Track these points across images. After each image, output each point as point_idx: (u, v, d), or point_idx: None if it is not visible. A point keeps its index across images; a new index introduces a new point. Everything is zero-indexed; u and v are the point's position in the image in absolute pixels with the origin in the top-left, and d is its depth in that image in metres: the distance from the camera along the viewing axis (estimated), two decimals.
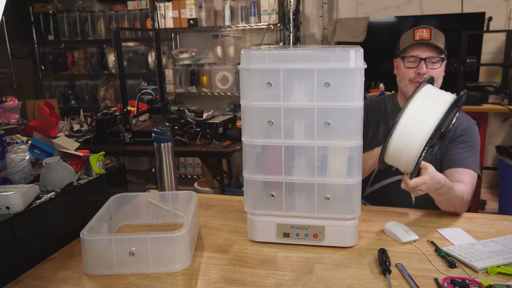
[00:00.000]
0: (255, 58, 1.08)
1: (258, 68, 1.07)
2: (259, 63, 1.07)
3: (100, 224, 1.13)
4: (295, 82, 1.06)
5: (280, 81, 1.06)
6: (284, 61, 1.06)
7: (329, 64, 1.04)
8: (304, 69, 1.05)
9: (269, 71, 1.06)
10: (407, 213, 1.33)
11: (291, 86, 1.06)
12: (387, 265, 0.99)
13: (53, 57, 4.36)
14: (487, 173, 3.64)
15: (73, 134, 2.69)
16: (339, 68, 1.03)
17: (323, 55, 1.06)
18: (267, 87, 1.06)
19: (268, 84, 1.06)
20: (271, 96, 1.08)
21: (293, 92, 1.06)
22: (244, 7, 3.71)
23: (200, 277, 1.00)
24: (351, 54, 1.02)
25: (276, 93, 1.07)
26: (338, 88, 1.04)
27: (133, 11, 4.01)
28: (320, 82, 1.04)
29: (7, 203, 1.03)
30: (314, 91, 1.05)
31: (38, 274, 1.04)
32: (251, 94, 1.09)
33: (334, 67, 1.04)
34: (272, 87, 1.06)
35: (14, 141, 2.01)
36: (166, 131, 1.39)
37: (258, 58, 1.07)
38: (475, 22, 3.45)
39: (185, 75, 3.93)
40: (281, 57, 1.07)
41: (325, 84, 1.04)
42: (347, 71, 1.03)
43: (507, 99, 3.28)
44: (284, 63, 1.05)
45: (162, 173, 1.41)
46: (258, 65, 1.07)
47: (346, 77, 1.04)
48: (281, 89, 1.06)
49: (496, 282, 0.92)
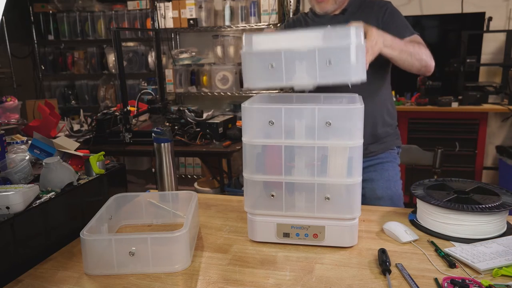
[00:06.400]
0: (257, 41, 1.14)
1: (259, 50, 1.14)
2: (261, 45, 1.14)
3: (100, 224, 1.13)
4: (297, 62, 1.10)
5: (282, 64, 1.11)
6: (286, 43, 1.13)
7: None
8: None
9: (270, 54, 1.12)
10: (407, 213, 1.33)
11: (293, 67, 1.11)
12: (387, 265, 0.99)
13: (53, 57, 4.36)
14: (487, 173, 3.64)
15: (73, 134, 2.69)
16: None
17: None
18: (269, 69, 1.11)
19: (271, 66, 1.11)
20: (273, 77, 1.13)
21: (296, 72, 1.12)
22: (244, 7, 3.71)
23: (200, 277, 1.00)
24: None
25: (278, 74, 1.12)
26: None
27: (133, 11, 4.01)
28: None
29: (7, 203, 1.03)
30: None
31: (38, 274, 1.04)
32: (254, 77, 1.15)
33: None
34: (274, 69, 1.11)
35: (14, 141, 2.01)
36: (166, 131, 1.39)
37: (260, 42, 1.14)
38: (475, 22, 3.46)
39: (185, 75, 3.93)
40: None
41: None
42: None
43: (507, 99, 3.29)
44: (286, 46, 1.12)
45: (162, 173, 1.41)
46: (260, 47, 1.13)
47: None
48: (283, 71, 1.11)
49: (496, 282, 0.92)
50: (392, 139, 1.66)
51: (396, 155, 1.69)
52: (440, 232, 1.15)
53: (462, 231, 1.12)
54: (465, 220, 1.12)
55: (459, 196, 1.19)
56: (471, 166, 3.37)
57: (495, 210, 1.10)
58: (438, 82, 3.43)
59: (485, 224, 1.11)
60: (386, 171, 1.63)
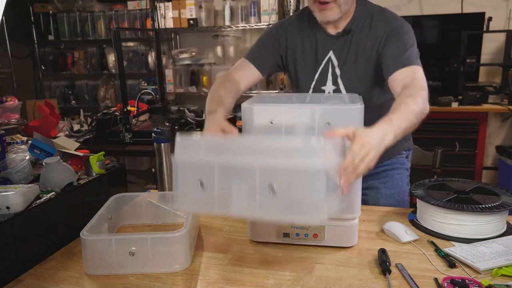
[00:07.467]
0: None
1: None
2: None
3: (100, 224, 1.13)
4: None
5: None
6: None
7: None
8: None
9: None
10: (407, 213, 1.33)
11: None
12: (387, 265, 0.99)
13: (53, 57, 4.36)
14: (487, 173, 3.64)
15: (73, 134, 2.69)
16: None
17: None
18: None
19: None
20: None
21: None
22: (244, 7, 3.71)
23: (200, 277, 1.00)
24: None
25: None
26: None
27: (133, 11, 4.01)
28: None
29: (7, 203, 1.03)
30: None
31: (38, 274, 1.04)
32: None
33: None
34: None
35: (14, 141, 2.01)
36: (166, 131, 1.40)
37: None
38: (475, 22, 3.45)
39: (185, 75, 3.93)
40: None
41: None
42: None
43: (507, 99, 3.28)
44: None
45: (162, 173, 1.41)
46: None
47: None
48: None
49: (496, 282, 0.92)
50: (399, 143, 1.49)
51: (404, 159, 1.58)
52: (440, 232, 1.15)
53: (462, 231, 1.12)
54: (465, 220, 1.12)
55: (459, 196, 1.19)
56: (471, 166, 3.37)
57: (495, 210, 1.10)
58: (438, 82, 3.43)
59: (485, 224, 1.11)
60: (390, 179, 1.54)
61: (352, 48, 1.34)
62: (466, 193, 1.21)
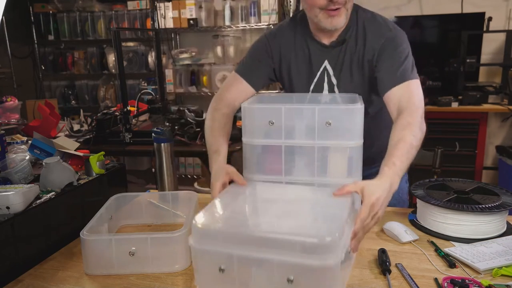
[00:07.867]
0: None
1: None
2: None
3: (100, 224, 1.13)
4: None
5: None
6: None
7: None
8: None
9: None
10: (407, 213, 1.33)
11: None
12: (387, 265, 0.99)
13: (53, 57, 4.36)
14: (487, 173, 3.64)
15: (73, 134, 2.69)
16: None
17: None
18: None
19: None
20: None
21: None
22: (244, 7, 3.71)
23: None
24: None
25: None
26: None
27: (133, 11, 4.01)
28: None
29: (7, 203, 1.03)
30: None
31: (38, 274, 1.04)
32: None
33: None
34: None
35: (14, 141, 2.02)
36: (166, 131, 1.40)
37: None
38: (475, 22, 3.45)
39: (185, 75, 3.93)
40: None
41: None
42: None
43: (507, 99, 3.28)
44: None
45: (162, 173, 1.41)
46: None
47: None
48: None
49: (496, 282, 0.92)
50: None
51: None
52: (440, 232, 1.15)
53: (462, 231, 1.12)
54: (465, 220, 1.12)
55: (459, 196, 1.19)
56: (471, 166, 3.37)
57: (495, 210, 1.10)
58: (438, 82, 3.43)
59: (485, 224, 1.11)
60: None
61: (346, 57, 1.31)
62: (466, 193, 1.21)
